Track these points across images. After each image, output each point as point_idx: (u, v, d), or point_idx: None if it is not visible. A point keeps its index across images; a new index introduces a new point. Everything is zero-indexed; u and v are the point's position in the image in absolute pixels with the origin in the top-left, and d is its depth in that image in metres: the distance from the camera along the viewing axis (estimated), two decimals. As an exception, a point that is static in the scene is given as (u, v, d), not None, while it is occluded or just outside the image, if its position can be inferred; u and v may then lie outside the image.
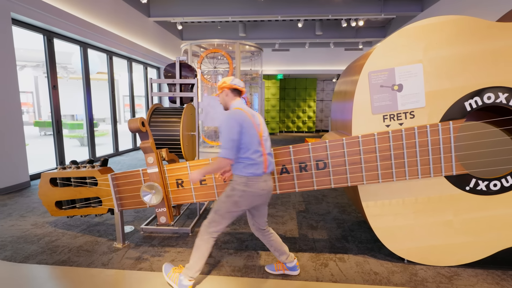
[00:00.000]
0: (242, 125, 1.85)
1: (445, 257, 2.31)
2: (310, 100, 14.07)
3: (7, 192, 4.24)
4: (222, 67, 6.85)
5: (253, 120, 1.93)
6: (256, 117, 1.99)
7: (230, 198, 1.94)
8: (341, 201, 3.98)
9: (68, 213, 2.80)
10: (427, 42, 2.11)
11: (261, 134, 1.97)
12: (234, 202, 1.93)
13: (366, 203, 2.33)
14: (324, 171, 2.27)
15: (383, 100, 2.19)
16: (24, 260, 2.40)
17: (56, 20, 5.10)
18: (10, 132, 4.31)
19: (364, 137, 2.19)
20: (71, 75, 12.90)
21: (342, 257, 2.48)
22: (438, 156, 2.17)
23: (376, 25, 10.36)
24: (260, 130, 1.97)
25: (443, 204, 2.25)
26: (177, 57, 3.18)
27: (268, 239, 2.16)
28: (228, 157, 1.84)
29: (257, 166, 1.91)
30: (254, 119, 1.95)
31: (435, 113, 2.16)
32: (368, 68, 2.18)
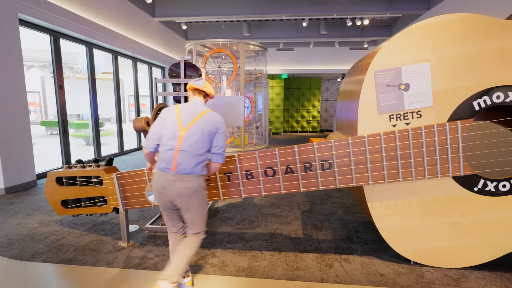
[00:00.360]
0: (164, 118, 1.89)
1: (452, 259, 2.27)
2: (315, 100, 14.01)
3: (14, 190, 4.29)
4: (226, 66, 6.85)
5: (182, 115, 1.87)
6: (193, 113, 1.88)
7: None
8: (346, 202, 3.95)
9: (74, 212, 2.82)
10: (434, 40, 2.08)
11: (182, 129, 1.83)
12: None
13: (371, 203, 2.31)
14: (329, 171, 2.25)
15: (389, 99, 2.16)
16: (31, 258, 2.42)
17: (62, 20, 5.15)
18: (17, 132, 4.36)
19: (370, 137, 2.17)
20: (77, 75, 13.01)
21: (347, 258, 2.46)
22: (446, 157, 2.14)
23: (381, 24, 10.27)
24: (185, 127, 1.84)
25: (451, 205, 2.22)
26: (181, 57, 3.18)
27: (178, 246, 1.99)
28: (144, 146, 1.92)
29: (161, 160, 1.84)
30: (185, 115, 1.87)
31: (443, 112, 2.13)
32: (374, 67, 2.15)
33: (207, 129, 1.86)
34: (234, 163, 2.33)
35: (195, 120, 1.87)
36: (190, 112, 1.90)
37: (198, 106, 1.95)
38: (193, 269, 2.28)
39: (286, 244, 2.70)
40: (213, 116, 1.92)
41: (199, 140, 1.84)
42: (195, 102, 1.98)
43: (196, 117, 1.88)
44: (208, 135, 1.88)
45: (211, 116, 1.91)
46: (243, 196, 2.37)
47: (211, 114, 1.93)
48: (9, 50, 4.22)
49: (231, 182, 2.37)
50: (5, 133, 4.17)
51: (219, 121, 1.93)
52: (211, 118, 1.91)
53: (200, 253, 2.52)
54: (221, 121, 1.94)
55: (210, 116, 1.91)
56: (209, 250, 2.57)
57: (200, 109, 1.93)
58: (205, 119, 1.89)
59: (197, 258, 2.43)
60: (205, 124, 1.87)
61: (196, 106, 1.95)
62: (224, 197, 2.41)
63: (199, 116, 1.89)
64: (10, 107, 4.24)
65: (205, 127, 1.86)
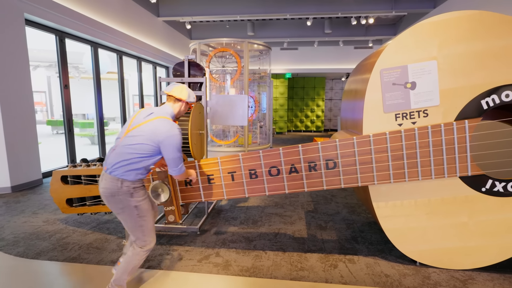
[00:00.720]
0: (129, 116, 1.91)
1: (459, 260, 2.24)
2: (319, 99, 13.95)
3: (20, 189, 4.33)
4: (230, 66, 6.84)
5: (137, 117, 1.83)
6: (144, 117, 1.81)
7: None
8: (350, 202, 3.92)
9: (79, 210, 2.83)
10: (442, 38, 2.05)
11: (127, 130, 1.80)
12: None
13: (377, 203, 2.28)
14: (334, 170, 2.23)
15: (395, 98, 2.14)
16: (36, 256, 2.44)
17: (67, 20, 5.18)
18: (23, 131, 4.40)
19: (375, 136, 2.14)
20: (82, 75, 13.11)
21: (352, 258, 2.44)
22: (453, 156, 2.10)
23: (386, 22, 10.18)
24: (131, 128, 1.80)
25: (458, 206, 2.19)
26: (185, 56, 3.18)
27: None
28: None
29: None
30: (139, 117, 1.83)
31: (450, 111, 2.09)
32: (380, 65, 2.12)
33: (148, 137, 1.74)
34: (238, 162, 2.32)
35: (142, 124, 1.78)
36: (144, 115, 1.82)
37: (158, 111, 1.85)
38: (197, 268, 2.28)
39: (290, 244, 2.68)
40: (157, 125, 1.76)
41: (136, 144, 1.74)
42: (160, 107, 1.91)
43: (144, 121, 1.79)
44: (151, 143, 1.74)
45: (156, 124, 1.76)
46: (247, 195, 2.36)
47: (157, 122, 1.77)
48: (15, 50, 4.26)
49: (235, 181, 2.36)
50: (11, 132, 4.21)
51: (161, 132, 1.75)
52: (155, 126, 1.76)
53: (204, 252, 2.51)
54: (164, 132, 1.74)
55: (155, 124, 1.76)
56: (213, 250, 2.57)
57: (155, 114, 1.81)
58: (149, 126, 1.76)
59: (200, 257, 2.43)
60: (148, 131, 1.75)
61: (156, 110, 1.86)
62: (227, 196, 2.40)
63: (147, 121, 1.78)
64: (16, 107, 4.29)
65: (147, 134, 1.75)
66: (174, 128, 1.78)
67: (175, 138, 1.75)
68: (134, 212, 1.80)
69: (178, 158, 1.82)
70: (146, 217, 1.85)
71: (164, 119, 1.81)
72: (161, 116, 1.81)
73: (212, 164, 2.38)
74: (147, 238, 1.87)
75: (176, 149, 1.78)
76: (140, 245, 1.87)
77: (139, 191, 1.82)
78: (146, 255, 1.91)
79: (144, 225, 1.84)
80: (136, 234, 1.86)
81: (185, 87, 1.96)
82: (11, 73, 4.20)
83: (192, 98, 1.98)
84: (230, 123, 3.42)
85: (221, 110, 3.42)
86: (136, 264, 1.90)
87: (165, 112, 1.88)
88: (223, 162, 2.36)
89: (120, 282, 1.89)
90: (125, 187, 1.76)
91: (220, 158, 2.36)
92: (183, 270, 2.25)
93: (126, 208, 1.79)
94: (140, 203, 1.81)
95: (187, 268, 2.28)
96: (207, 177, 2.40)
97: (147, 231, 1.87)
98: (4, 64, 4.09)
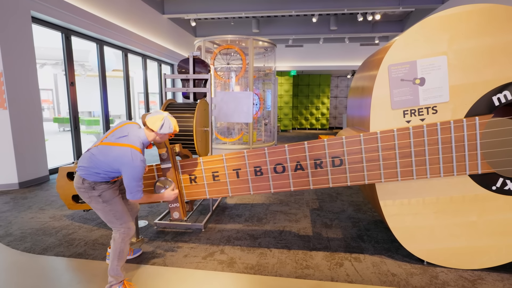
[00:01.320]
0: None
1: (468, 260, 2.20)
2: (324, 97, 13.85)
3: (27, 185, 4.38)
4: (235, 63, 6.82)
5: (115, 132, 1.94)
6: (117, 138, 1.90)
7: None
8: (356, 199, 3.88)
9: (84, 207, 2.84)
10: (452, 32, 2.00)
11: (101, 141, 1.93)
12: None
13: (384, 202, 2.25)
14: (340, 168, 2.20)
15: (403, 94, 2.09)
16: (43, 252, 2.46)
17: (73, 17, 5.20)
18: (30, 128, 4.45)
19: (383, 133, 2.10)
20: (88, 72, 13.21)
21: (358, 257, 2.41)
22: (462, 154, 2.06)
23: (393, 19, 10.05)
24: (105, 141, 1.91)
25: (467, 204, 2.14)
26: (190, 53, 3.17)
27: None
28: None
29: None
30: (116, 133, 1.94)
31: (460, 108, 2.04)
32: (388, 61, 2.08)
33: (112, 160, 1.84)
34: (243, 159, 2.30)
35: (112, 144, 1.88)
36: (118, 135, 1.90)
37: (131, 135, 1.90)
38: (202, 265, 2.27)
39: (295, 242, 2.66)
40: (122, 154, 1.82)
41: (101, 161, 1.86)
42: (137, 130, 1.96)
43: (115, 143, 1.87)
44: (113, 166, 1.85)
45: (122, 152, 1.83)
46: (252, 192, 2.35)
47: (124, 150, 1.83)
48: (22, 47, 4.29)
49: (240, 178, 2.35)
50: (19, 130, 4.25)
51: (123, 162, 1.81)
52: (121, 154, 1.82)
53: (209, 250, 2.51)
54: (125, 163, 1.81)
55: (121, 151, 1.83)
56: (218, 247, 2.56)
57: (126, 139, 1.87)
58: (115, 151, 1.84)
59: (205, 254, 2.43)
60: (112, 156, 1.84)
61: (131, 133, 1.91)
62: (232, 194, 2.38)
63: (117, 144, 1.86)
64: (23, 104, 4.32)
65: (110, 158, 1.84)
66: (136, 160, 1.82)
67: (135, 170, 1.82)
68: (99, 200, 1.92)
69: (135, 187, 1.87)
70: (112, 201, 1.94)
71: (130, 148, 1.85)
72: (129, 144, 1.86)
73: (216, 161, 2.36)
74: (121, 222, 1.95)
75: (133, 179, 1.84)
76: (118, 230, 1.95)
77: (100, 185, 1.92)
78: (127, 238, 1.96)
79: (113, 209, 1.94)
80: (110, 221, 1.96)
81: (164, 117, 1.94)
82: (18, 70, 4.23)
83: (165, 130, 1.94)
84: (235, 120, 3.41)
85: (226, 107, 3.41)
86: (122, 249, 1.94)
87: (137, 138, 1.91)
88: (228, 159, 2.34)
89: (115, 272, 1.93)
90: (87, 184, 1.90)
91: (225, 155, 2.35)
92: (188, 267, 2.24)
93: (92, 198, 1.92)
94: (102, 192, 1.92)
95: (191, 265, 2.27)
96: (212, 174, 2.39)
97: (118, 215, 1.95)
98: (11, 62, 4.13)
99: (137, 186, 1.88)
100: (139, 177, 1.86)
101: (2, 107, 4.09)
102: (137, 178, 1.85)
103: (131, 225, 2.00)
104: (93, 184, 1.90)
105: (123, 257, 1.96)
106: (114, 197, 1.96)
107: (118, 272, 1.94)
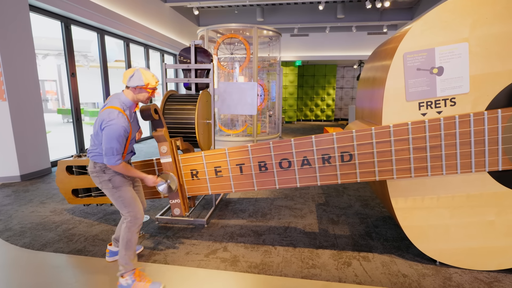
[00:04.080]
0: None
1: (483, 261, 2.08)
2: (329, 88, 13.59)
3: (29, 178, 4.33)
4: (239, 53, 6.63)
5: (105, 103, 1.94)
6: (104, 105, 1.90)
7: None
8: (363, 194, 3.77)
9: (84, 201, 2.78)
10: (475, 17, 1.83)
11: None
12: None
13: (395, 199, 2.13)
14: (349, 163, 2.07)
15: (419, 85, 1.94)
16: (42, 248, 2.40)
17: (72, 6, 5.05)
18: (31, 120, 4.37)
19: (396, 127, 1.97)
20: (91, 63, 13.09)
21: (367, 255, 2.31)
22: (482, 149, 1.92)
23: (403, 6, 9.68)
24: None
25: (485, 203, 2.01)
26: (192, 41, 3.02)
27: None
28: None
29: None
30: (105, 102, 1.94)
31: (481, 100, 1.89)
32: (403, 48, 1.93)
33: (97, 127, 1.81)
34: (247, 153, 2.19)
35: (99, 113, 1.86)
36: (103, 105, 1.88)
37: (112, 99, 1.87)
38: (204, 263, 2.20)
39: (300, 239, 2.57)
40: (102, 115, 1.79)
41: (94, 134, 1.86)
42: (117, 94, 1.92)
43: (100, 110, 1.85)
44: (100, 133, 1.80)
45: (102, 114, 1.80)
46: (256, 188, 2.24)
47: (104, 112, 1.80)
48: (20, 36, 4.17)
49: (244, 173, 2.24)
50: (19, 121, 4.18)
51: (103, 118, 1.77)
52: (101, 116, 1.79)
53: (211, 247, 2.43)
54: (104, 122, 1.75)
55: (102, 114, 1.80)
56: (220, 244, 2.48)
57: (108, 103, 1.84)
58: (100, 116, 1.82)
59: (208, 252, 2.35)
60: (97, 121, 1.81)
61: (111, 98, 1.88)
62: (236, 190, 2.28)
63: (101, 111, 1.84)
64: (23, 95, 4.24)
65: (96, 124, 1.82)
66: (112, 118, 1.75)
67: (111, 128, 1.73)
68: (109, 185, 1.90)
69: (110, 149, 1.75)
70: (122, 188, 1.91)
71: (110, 109, 1.79)
72: (109, 106, 1.82)
73: (219, 155, 2.26)
74: (130, 209, 1.92)
75: (109, 138, 1.73)
76: (125, 218, 1.94)
77: (110, 168, 1.88)
78: (133, 228, 1.92)
79: (122, 195, 1.91)
80: (120, 208, 1.94)
81: (136, 69, 1.87)
82: (16, 60, 4.13)
83: (135, 81, 1.83)
84: (238, 112, 3.28)
85: (230, 98, 3.28)
86: (129, 238, 1.90)
87: (117, 99, 1.86)
88: (231, 153, 2.23)
89: (124, 261, 1.90)
90: (98, 167, 1.89)
91: (228, 149, 2.24)
92: (190, 265, 2.17)
93: (103, 183, 1.90)
94: (112, 177, 1.89)
95: (194, 263, 2.20)
96: (214, 169, 2.29)
97: (127, 202, 1.92)
98: (8, 51, 4.02)
99: (113, 149, 1.75)
100: (115, 136, 1.73)
101: (1, 98, 4.01)
102: (113, 137, 1.73)
103: (139, 215, 1.95)
104: (103, 167, 1.87)
105: (131, 247, 1.92)
106: (124, 184, 1.93)
107: (127, 261, 1.90)
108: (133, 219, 1.92)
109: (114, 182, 1.89)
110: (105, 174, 1.89)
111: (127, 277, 1.88)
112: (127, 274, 1.89)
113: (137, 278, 1.89)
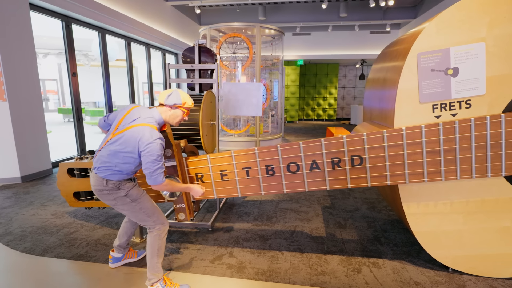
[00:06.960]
0: (119, 111, 1.87)
1: (499, 268, 2.02)
2: (332, 87, 13.51)
3: (30, 179, 4.28)
4: (241, 52, 6.56)
5: (125, 118, 1.77)
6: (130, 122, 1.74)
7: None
8: (369, 197, 3.70)
9: (86, 204, 2.71)
10: (492, 16, 1.76)
11: (113, 132, 1.77)
12: None
13: (407, 204, 2.06)
14: (360, 167, 2.01)
15: (433, 86, 1.87)
16: (43, 253, 2.34)
17: (73, 4, 4.98)
18: (31, 120, 4.31)
19: (409, 130, 1.90)
20: (92, 62, 13.02)
21: (376, 262, 2.24)
22: (499, 153, 1.85)
23: (406, 4, 9.59)
24: (117, 131, 1.75)
25: (500, 208, 1.95)
26: (196, 41, 2.95)
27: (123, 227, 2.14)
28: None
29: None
30: (127, 119, 1.76)
31: (498, 102, 1.83)
32: (417, 48, 1.86)
33: (130, 144, 1.70)
34: (254, 157, 2.13)
35: (126, 129, 1.72)
36: (130, 120, 1.75)
37: (144, 116, 1.76)
38: (210, 269, 2.13)
39: (308, 244, 2.50)
40: (137, 132, 1.68)
41: (120, 152, 1.72)
42: (148, 111, 1.81)
43: (129, 126, 1.72)
44: (133, 150, 1.70)
45: (138, 131, 1.68)
46: (263, 193, 2.18)
47: (140, 129, 1.69)
48: (20, 35, 4.11)
49: (250, 177, 2.17)
50: (19, 122, 4.12)
51: (140, 140, 1.67)
52: (137, 133, 1.68)
53: (217, 252, 2.37)
54: (143, 140, 1.66)
55: (137, 131, 1.69)
56: (226, 249, 2.42)
57: (140, 120, 1.73)
58: (131, 132, 1.70)
59: (213, 257, 2.29)
60: (130, 138, 1.69)
61: (143, 114, 1.76)
62: (242, 194, 2.22)
63: (131, 127, 1.72)
64: (24, 95, 4.17)
65: (129, 141, 1.70)
66: (155, 137, 1.68)
67: (155, 148, 1.66)
68: (126, 200, 1.81)
69: (155, 168, 1.69)
70: (141, 199, 1.85)
71: (146, 126, 1.70)
72: (144, 123, 1.72)
73: (225, 159, 2.19)
74: (154, 218, 1.86)
75: (153, 158, 1.67)
76: (152, 228, 1.87)
77: (125, 184, 1.81)
78: (163, 234, 1.89)
79: (143, 207, 1.84)
80: (142, 219, 1.86)
81: (174, 90, 1.83)
82: (16, 59, 4.06)
83: (172, 100, 1.81)
84: (243, 113, 3.21)
85: (234, 99, 3.21)
86: (160, 246, 1.87)
87: (151, 117, 1.78)
88: (237, 156, 2.17)
89: (155, 269, 1.86)
90: (111, 184, 1.77)
91: (234, 152, 2.17)
92: (195, 272, 2.11)
93: (118, 199, 1.80)
94: (129, 192, 1.81)
95: (199, 269, 2.14)
96: (220, 173, 2.22)
97: (150, 212, 1.86)
98: (8, 50, 3.95)
99: (157, 167, 1.69)
100: (159, 155, 1.68)
101: (1, 98, 3.95)
102: (157, 157, 1.67)
103: (165, 221, 1.91)
104: (117, 183, 1.77)
105: (162, 253, 1.89)
106: (141, 194, 1.86)
107: (159, 269, 1.88)
108: (160, 226, 1.87)
109: (131, 196, 1.81)
110: (121, 190, 1.79)
111: (158, 285, 1.85)
112: (158, 282, 1.85)
113: (167, 284, 1.87)
